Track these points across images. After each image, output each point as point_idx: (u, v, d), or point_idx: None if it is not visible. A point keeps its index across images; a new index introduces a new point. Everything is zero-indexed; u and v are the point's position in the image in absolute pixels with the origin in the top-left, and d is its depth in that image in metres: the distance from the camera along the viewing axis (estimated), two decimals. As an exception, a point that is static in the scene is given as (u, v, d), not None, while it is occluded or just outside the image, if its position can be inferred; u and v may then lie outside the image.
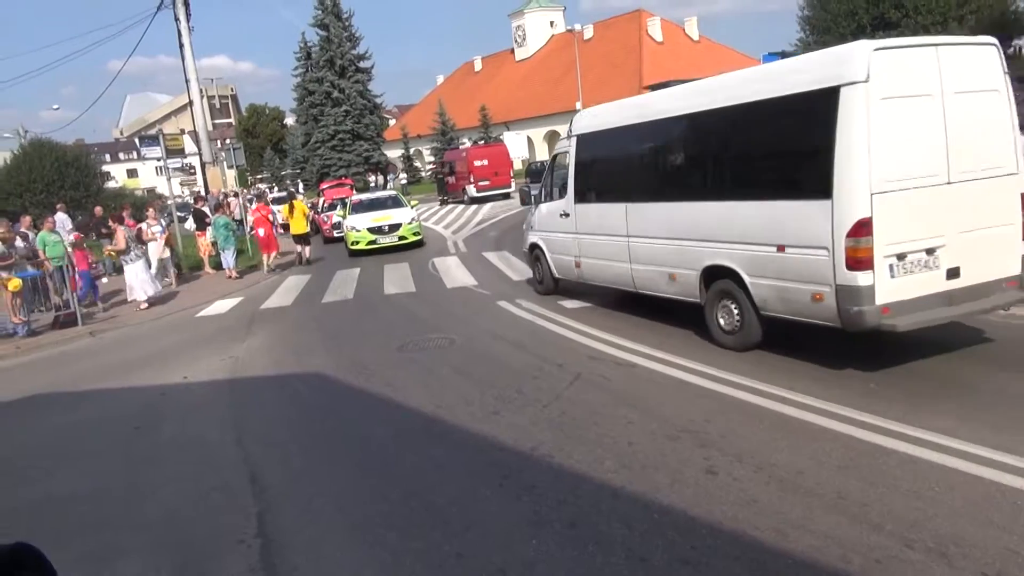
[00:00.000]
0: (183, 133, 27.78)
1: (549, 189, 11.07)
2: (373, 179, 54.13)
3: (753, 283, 7.11)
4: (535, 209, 11.67)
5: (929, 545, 3.70)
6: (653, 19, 61.30)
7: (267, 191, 45.55)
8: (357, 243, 18.90)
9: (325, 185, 33.67)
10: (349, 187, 31.63)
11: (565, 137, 10.61)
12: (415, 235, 19.39)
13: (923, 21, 16.79)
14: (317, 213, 25.13)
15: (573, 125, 10.32)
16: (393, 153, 64.18)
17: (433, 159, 53.63)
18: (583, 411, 6.20)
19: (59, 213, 19.12)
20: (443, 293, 12.68)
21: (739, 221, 7.20)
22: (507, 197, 33.17)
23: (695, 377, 6.74)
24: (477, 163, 34.34)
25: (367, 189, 42.88)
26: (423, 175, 63.28)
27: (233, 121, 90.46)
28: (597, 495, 4.66)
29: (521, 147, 47.35)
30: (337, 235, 21.87)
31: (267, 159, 73.80)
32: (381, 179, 54.80)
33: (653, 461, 5.06)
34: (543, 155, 50.67)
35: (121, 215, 16.13)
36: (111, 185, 41.99)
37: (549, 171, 11.20)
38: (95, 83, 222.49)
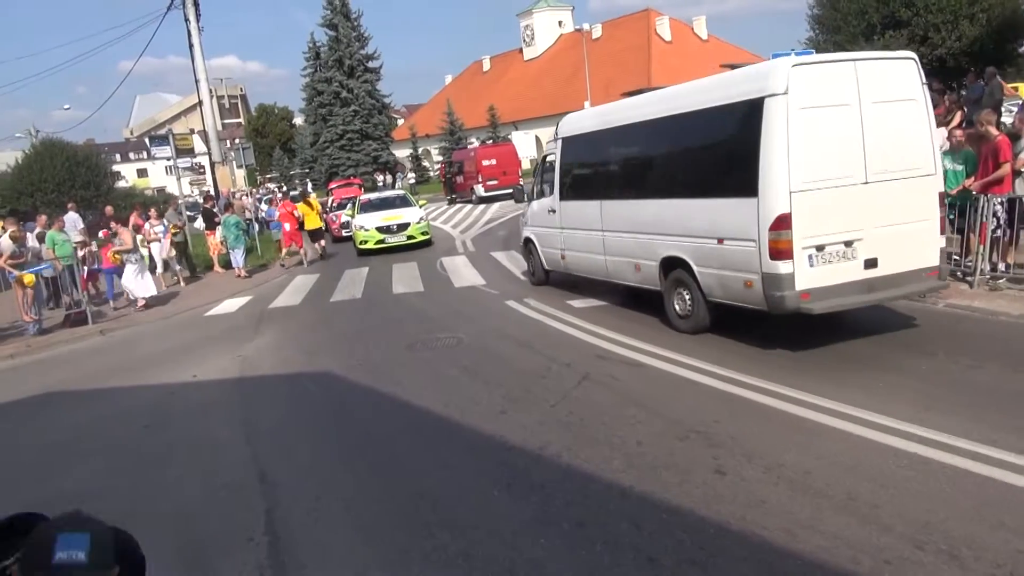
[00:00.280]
0: (193, 133, 27.91)
1: (540, 188, 11.92)
2: (381, 179, 54.20)
3: (700, 272, 7.91)
4: (528, 206, 12.57)
5: (940, 547, 3.68)
6: (662, 18, 61.22)
7: (276, 190, 45.67)
8: (366, 242, 18.93)
9: (334, 185, 33.78)
10: (358, 186, 31.69)
11: (552, 140, 11.59)
12: (423, 234, 19.40)
13: (933, 20, 16.63)
14: (326, 212, 25.20)
15: (559, 129, 11.27)
16: (401, 153, 64.25)
17: (441, 159, 53.62)
18: (591, 411, 6.19)
19: (70, 212, 19.18)
20: (451, 292, 12.69)
21: (688, 217, 8.01)
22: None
23: (704, 377, 6.72)
24: (485, 163, 34.33)
25: (375, 189, 42.92)
26: (431, 175, 63.32)
27: (242, 121, 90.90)
28: (605, 495, 4.65)
29: (529, 147, 47.35)
30: (346, 234, 21.93)
31: (276, 159, 74.09)
32: (389, 178, 54.85)
33: (662, 461, 5.05)
34: (551, 155, 50.51)
35: (125, 217, 16.16)
36: (121, 185, 42.21)
37: (540, 171, 12.13)
38: (106, 83, 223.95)
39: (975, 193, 8.89)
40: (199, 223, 20.59)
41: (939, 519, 3.93)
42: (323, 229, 20.53)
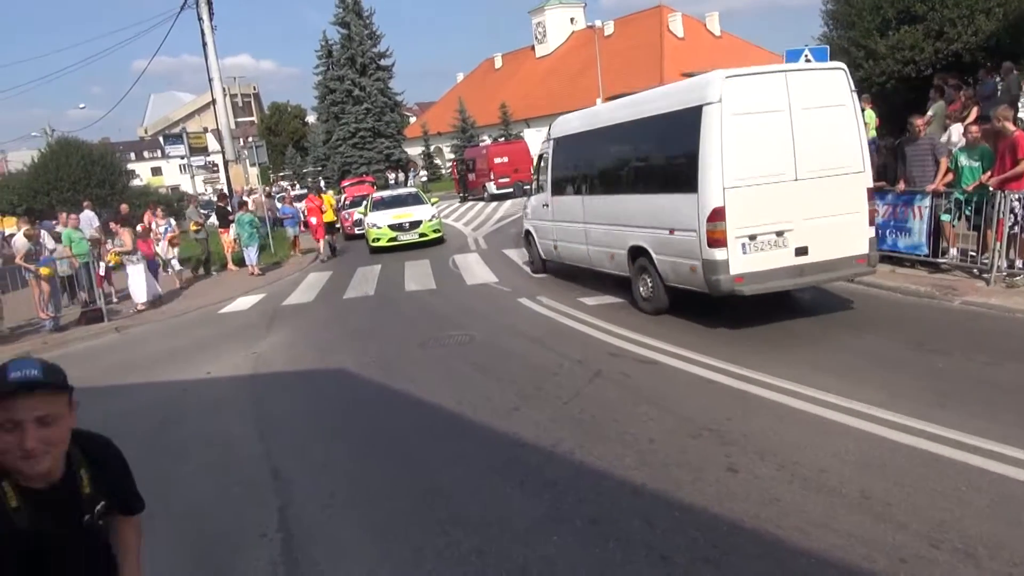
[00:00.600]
0: (206, 131, 28.07)
1: (537, 184, 12.96)
2: (393, 176, 54.28)
3: (658, 259, 8.83)
4: (528, 201, 13.85)
5: (956, 545, 3.65)
6: (674, 15, 60.83)
7: (289, 188, 45.84)
8: (378, 240, 18.99)
9: (346, 183, 33.88)
10: (370, 184, 31.77)
11: (546, 140, 12.62)
12: (435, 232, 19.44)
13: (949, 14, 16.38)
14: (339, 210, 25.31)
15: (551, 130, 12.31)
16: (414, 151, 64.32)
17: (453, 156, 53.61)
18: (604, 408, 6.18)
19: (86, 211, 19.34)
20: (463, 290, 12.71)
21: (648, 211, 8.94)
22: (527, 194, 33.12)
23: (716, 374, 6.69)
24: (497, 160, 34.32)
25: (387, 187, 43.00)
26: (443, 172, 63.35)
27: (255, 119, 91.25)
28: (618, 492, 4.65)
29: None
30: (358, 232, 22.02)
31: (289, 157, 74.26)
32: (401, 176, 54.93)
33: (674, 458, 5.04)
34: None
35: (127, 217, 16.21)
36: (136, 183, 42.45)
37: (537, 168, 13.11)
38: (120, 82, 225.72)
39: (992, 189, 8.82)
40: (212, 221, 20.70)
41: (954, 517, 3.91)
42: (335, 223, 21.35)
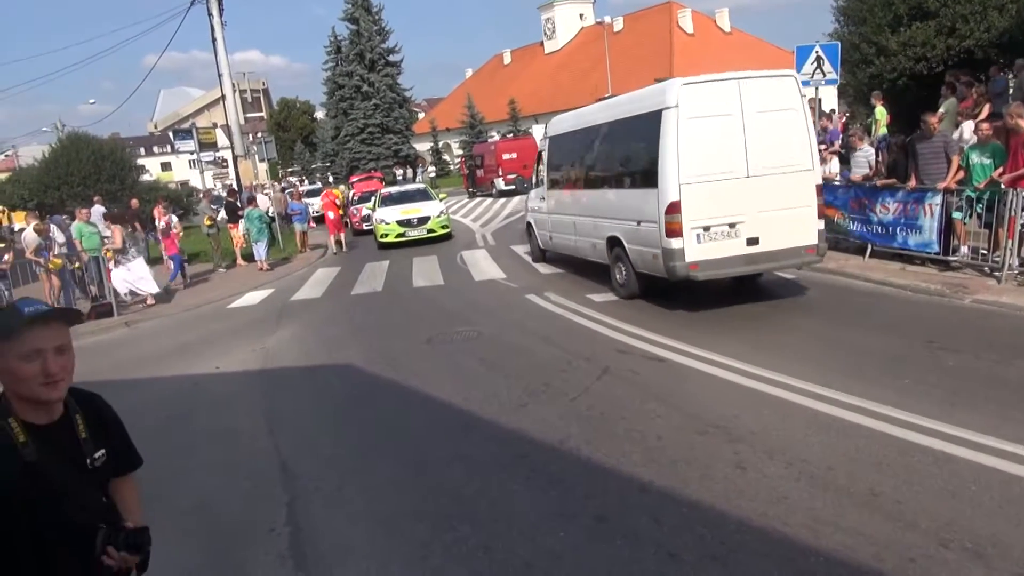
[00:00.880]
0: (216, 127, 28.13)
1: (537, 179, 13.80)
2: (401, 172, 54.27)
3: (630, 248, 9.60)
4: (529, 195, 14.84)
5: (965, 544, 3.63)
6: (684, 11, 60.61)
7: (297, 183, 45.89)
8: (386, 236, 19.01)
9: (354, 178, 33.87)
10: (378, 180, 31.78)
11: (543, 139, 13.58)
12: (444, 228, 19.45)
13: (961, 11, 16.26)
14: (348, 205, 25.34)
15: (548, 129, 13.26)
16: (422, 146, 64.32)
17: (462, 152, 53.54)
18: (611, 405, 6.17)
19: (96, 206, 19.41)
20: (471, 286, 12.71)
21: (621, 204, 9.79)
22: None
23: (724, 371, 6.67)
24: (506, 156, 34.31)
25: (396, 182, 43.03)
26: (452, 168, 63.30)
27: (264, 115, 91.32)
28: (625, 489, 4.64)
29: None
30: (367, 227, 22.06)
31: (297, 152, 74.36)
32: (410, 172, 54.91)
33: (682, 456, 5.03)
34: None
35: (122, 214, 16.25)
36: (146, 178, 42.56)
37: (536, 165, 13.94)
38: (130, 78, 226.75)
39: (1004, 187, 8.74)
40: (222, 215, 20.77)
41: (964, 517, 3.89)
42: (343, 218, 21.58)
